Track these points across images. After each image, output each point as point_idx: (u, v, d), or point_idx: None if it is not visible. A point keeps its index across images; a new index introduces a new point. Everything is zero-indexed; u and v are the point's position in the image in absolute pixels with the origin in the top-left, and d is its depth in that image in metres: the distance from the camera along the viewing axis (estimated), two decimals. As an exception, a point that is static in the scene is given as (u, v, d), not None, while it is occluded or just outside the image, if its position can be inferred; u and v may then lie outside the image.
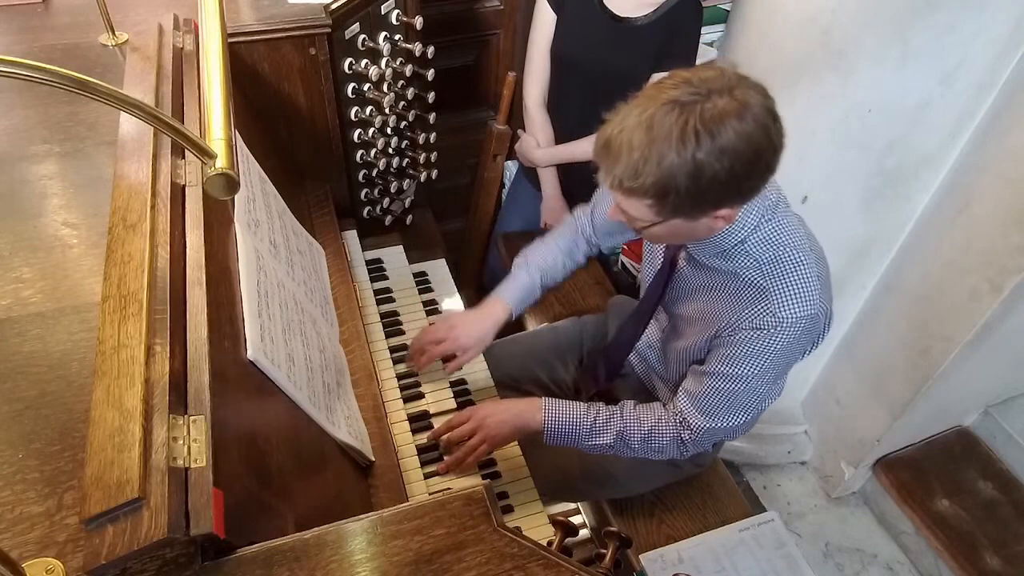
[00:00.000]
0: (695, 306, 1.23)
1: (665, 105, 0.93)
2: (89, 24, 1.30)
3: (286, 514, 0.83)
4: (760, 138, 0.93)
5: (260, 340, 0.91)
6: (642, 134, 0.93)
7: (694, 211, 1.00)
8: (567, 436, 1.25)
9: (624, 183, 0.97)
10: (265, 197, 1.18)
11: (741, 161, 0.93)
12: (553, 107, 2.01)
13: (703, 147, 0.91)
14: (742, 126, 0.91)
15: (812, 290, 1.08)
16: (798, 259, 1.09)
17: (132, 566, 0.59)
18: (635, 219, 1.05)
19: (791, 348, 1.11)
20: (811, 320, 1.09)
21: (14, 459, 0.68)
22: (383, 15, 1.50)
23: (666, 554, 1.46)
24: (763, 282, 1.10)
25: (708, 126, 0.91)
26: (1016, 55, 1.48)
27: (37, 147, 1.06)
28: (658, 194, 0.96)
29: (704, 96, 0.92)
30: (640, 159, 0.94)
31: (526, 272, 1.44)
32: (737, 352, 1.12)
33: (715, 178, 0.93)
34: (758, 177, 0.98)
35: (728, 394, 1.16)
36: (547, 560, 0.69)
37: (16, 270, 0.86)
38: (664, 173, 0.93)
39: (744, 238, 1.10)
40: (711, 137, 0.91)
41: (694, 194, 0.95)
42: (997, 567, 1.89)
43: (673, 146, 0.92)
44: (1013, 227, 1.54)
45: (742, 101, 0.92)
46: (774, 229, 1.10)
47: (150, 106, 0.70)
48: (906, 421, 1.96)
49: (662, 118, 0.92)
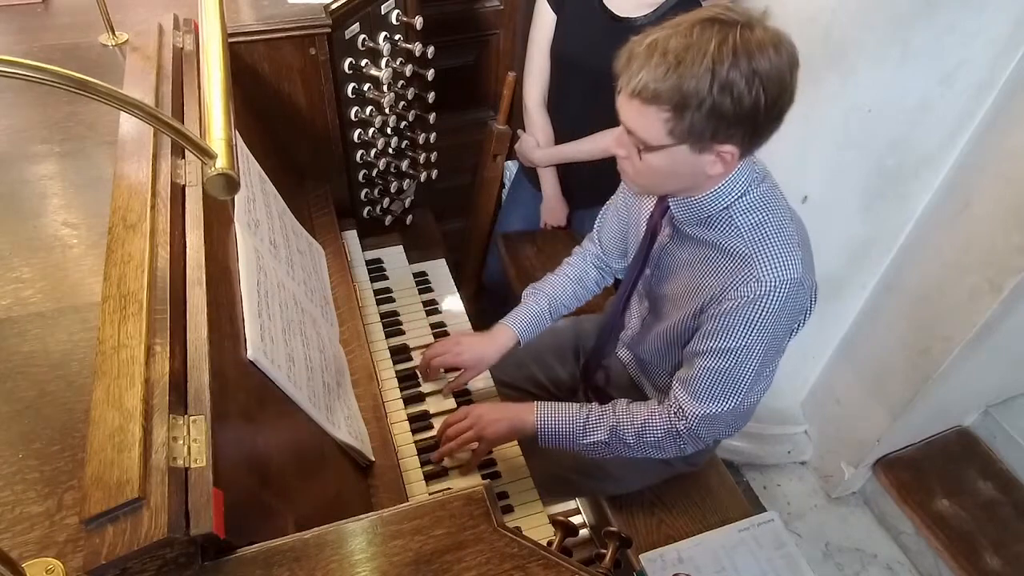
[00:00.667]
0: (678, 283, 1.23)
1: (706, 20, 0.94)
2: (89, 24, 1.30)
3: (286, 514, 0.83)
4: (787, 77, 0.95)
5: (260, 340, 0.91)
6: (680, 39, 0.94)
7: (703, 137, 0.99)
8: (560, 437, 1.25)
9: (650, 85, 0.96)
10: (265, 197, 1.18)
11: (766, 93, 0.94)
12: (553, 107, 2.01)
13: (739, 66, 0.92)
14: (777, 59, 0.93)
15: (794, 256, 1.08)
16: (779, 225, 1.09)
17: (132, 566, 0.59)
18: (642, 140, 1.03)
19: (777, 317, 1.10)
20: (795, 286, 1.08)
21: (14, 459, 0.68)
22: (383, 15, 1.50)
23: (666, 554, 1.46)
24: (745, 250, 1.09)
25: (747, 47, 0.92)
26: (1016, 55, 1.48)
27: (37, 147, 1.06)
28: (679, 104, 0.96)
29: (744, 23, 0.94)
30: (674, 61, 0.94)
31: (534, 300, 1.45)
32: (723, 324, 1.12)
33: (739, 102, 0.94)
34: (772, 118, 0.99)
35: (719, 372, 1.15)
36: (547, 560, 0.69)
37: (16, 270, 0.86)
38: (693, 81, 0.93)
39: (729, 204, 1.10)
40: (748, 58, 0.92)
41: (713, 114, 0.95)
42: (997, 567, 1.89)
43: (709, 56, 0.92)
44: (1013, 227, 1.54)
45: (778, 36, 0.94)
46: (758, 197, 1.11)
47: (150, 106, 0.70)
48: (906, 421, 1.96)
49: (702, 31, 0.94)
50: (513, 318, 1.43)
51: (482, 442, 1.25)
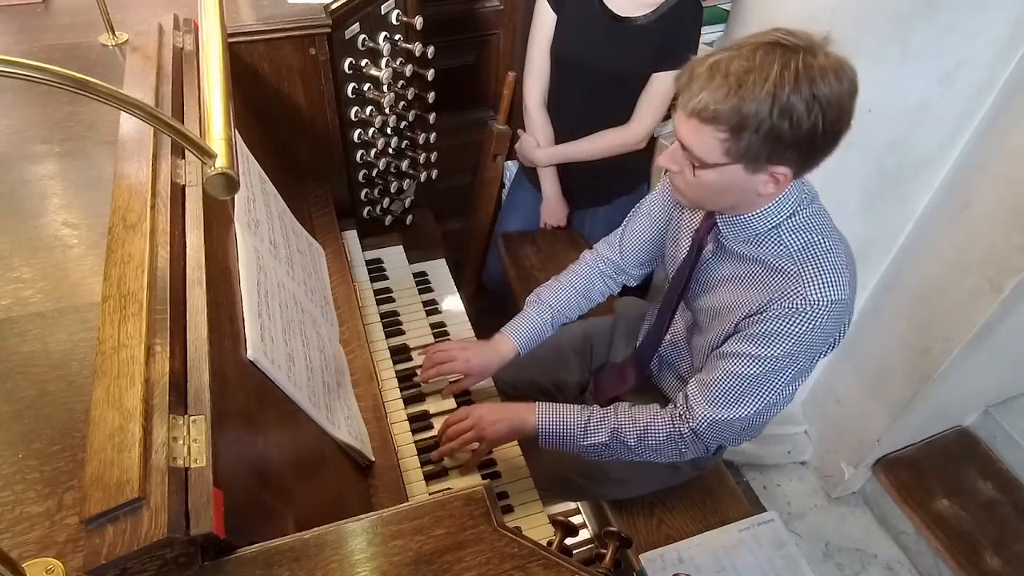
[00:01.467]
0: (718, 298, 1.21)
1: (769, 44, 0.95)
2: (89, 24, 1.30)
3: (286, 514, 0.83)
4: (847, 103, 0.96)
5: (260, 340, 0.91)
6: (742, 62, 0.95)
7: (759, 159, 1.00)
8: (561, 438, 1.25)
9: (710, 106, 0.96)
10: (265, 197, 1.18)
11: (825, 118, 0.94)
12: (553, 107, 2.01)
13: (800, 91, 0.93)
14: (838, 85, 0.94)
15: (843, 277, 1.07)
16: (829, 246, 1.09)
17: (132, 566, 0.59)
18: (697, 157, 1.03)
19: (817, 335, 1.09)
20: (840, 307, 1.07)
21: (14, 459, 0.68)
22: (383, 15, 1.50)
23: (666, 554, 1.46)
24: (793, 268, 1.09)
25: (809, 73, 0.93)
26: (1016, 55, 1.48)
27: (37, 147, 1.06)
28: (737, 126, 0.96)
29: (807, 48, 0.94)
30: (735, 83, 0.94)
31: (537, 312, 1.43)
32: (762, 330, 1.10)
33: (797, 126, 0.94)
34: (829, 142, 0.99)
35: (743, 378, 1.13)
36: (547, 560, 0.69)
37: (16, 270, 0.86)
38: (753, 104, 0.94)
39: (778, 223, 1.10)
40: (810, 84, 0.92)
41: (770, 137, 0.96)
42: (997, 567, 1.89)
43: (771, 80, 0.93)
44: (1013, 227, 1.54)
45: (840, 63, 0.95)
46: (808, 218, 1.10)
47: (150, 106, 0.70)
48: (906, 421, 1.96)
49: (765, 55, 0.94)
50: (514, 329, 1.42)
51: (482, 442, 1.25)
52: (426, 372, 1.40)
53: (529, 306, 1.45)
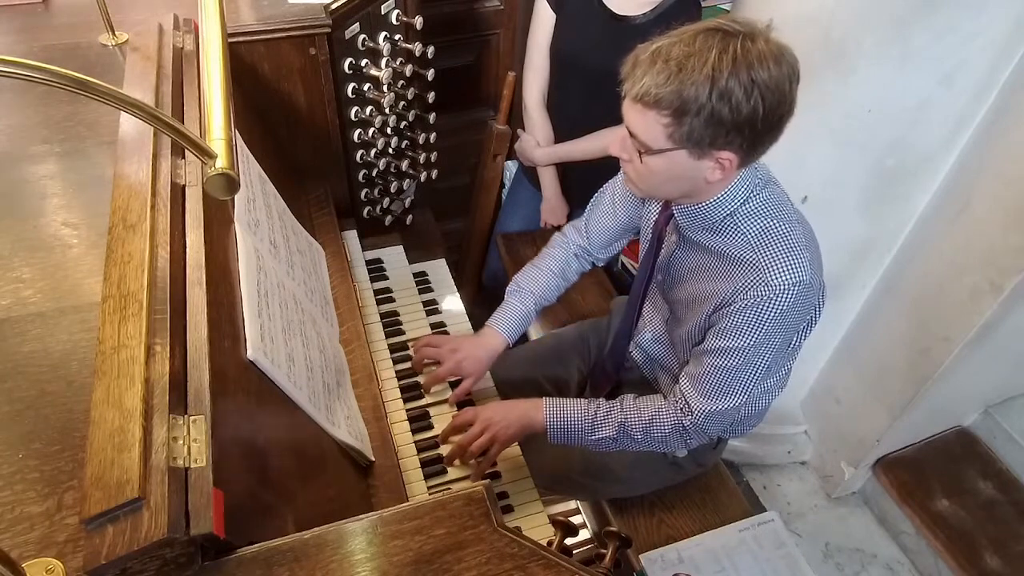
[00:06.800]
0: (690, 289, 1.24)
1: (710, 30, 0.97)
2: (89, 24, 1.30)
3: (286, 514, 0.83)
4: (786, 89, 0.97)
5: (260, 340, 0.91)
6: (682, 47, 0.97)
7: (702, 143, 1.01)
8: (570, 433, 1.26)
9: (651, 91, 0.98)
10: (265, 197, 1.18)
11: (764, 103, 0.96)
12: (553, 106, 2.01)
13: (738, 75, 0.94)
14: (777, 70, 0.95)
15: (802, 258, 1.09)
16: (785, 229, 1.10)
17: (132, 566, 0.59)
18: (643, 143, 1.05)
19: (785, 318, 1.11)
20: (803, 288, 1.09)
21: (14, 459, 0.68)
22: (383, 15, 1.50)
23: (666, 554, 1.46)
24: (753, 256, 1.10)
25: (747, 58, 0.94)
26: (1016, 55, 1.48)
27: (37, 147, 1.06)
28: (679, 110, 0.98)
29: (747, 33, 0.96)
30: (675, 67, 0.96)
31: (519, 300, 1.46)
32: (732, 323, 1.13)
33: (737, 110, 0.95)
34: (771, 127, 1.00)
35: (726, 371, 1.16)
36: (547, 560, 0.69)
37: (16, 270, 0.86)
38: (693, 88, 0.95)
39: (732, 211, 1.12)
40: (748, 69, 0.94)
41: (711, 121, 0.97)
42: (997, 567, 1.89)
43: (709, 64, 0.94)
44: (1013, 227, 1.54)
45: (780, 49, 0.96)
46: (761, 203, 1.12)
47: (150, 106, 0.70)
48: (906, 421, 1.96)
49: (704, 40, 0.96)
50: (500, 321, 1.44)
51: (495, 445, 1.25)
52: (417, 366, 1.43)
53: (510, 295, 1.47)
